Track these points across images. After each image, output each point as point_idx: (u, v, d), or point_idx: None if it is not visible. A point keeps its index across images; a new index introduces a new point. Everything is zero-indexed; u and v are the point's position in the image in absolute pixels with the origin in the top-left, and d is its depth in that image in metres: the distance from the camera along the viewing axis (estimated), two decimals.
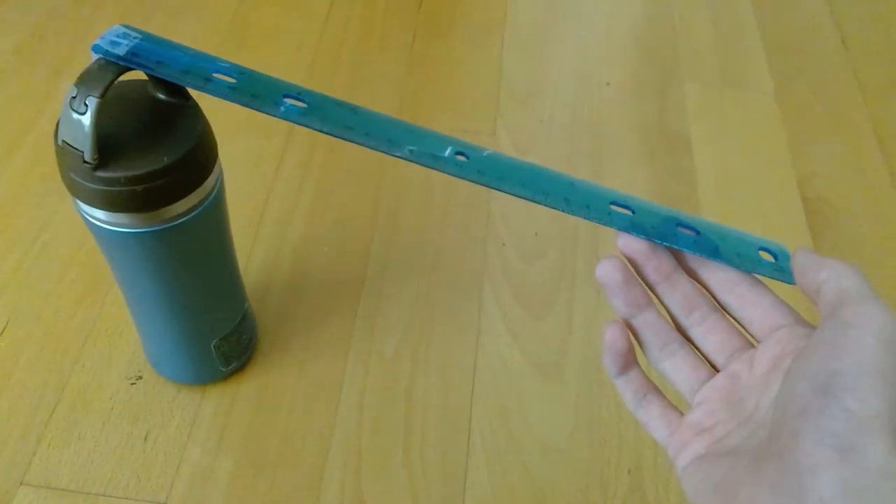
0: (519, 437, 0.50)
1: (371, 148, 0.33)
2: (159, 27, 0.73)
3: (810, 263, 0.27)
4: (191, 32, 0.74)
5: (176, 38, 0.37)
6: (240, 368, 0.51)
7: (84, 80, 0.33)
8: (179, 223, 0.38)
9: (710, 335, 0.31)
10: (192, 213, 0.38)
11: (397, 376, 0.53)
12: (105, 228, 0.37)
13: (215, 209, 0.40)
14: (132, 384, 0.51)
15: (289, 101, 0.33)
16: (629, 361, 0.31)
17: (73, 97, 0.33)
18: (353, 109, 0.34)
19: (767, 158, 0.70)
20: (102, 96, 0.32)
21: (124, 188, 0.34)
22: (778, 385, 0.26)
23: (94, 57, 0.33)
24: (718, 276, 0.31)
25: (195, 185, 0.37)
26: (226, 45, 0.73)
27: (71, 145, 0.34)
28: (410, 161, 0.34)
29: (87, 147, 0.33)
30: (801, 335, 0.28)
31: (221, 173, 0.40)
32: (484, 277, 0.59)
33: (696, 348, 0.32)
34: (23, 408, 0.49)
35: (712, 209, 0.65)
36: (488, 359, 0.54)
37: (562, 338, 0.56)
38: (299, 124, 0.33)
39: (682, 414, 0.30)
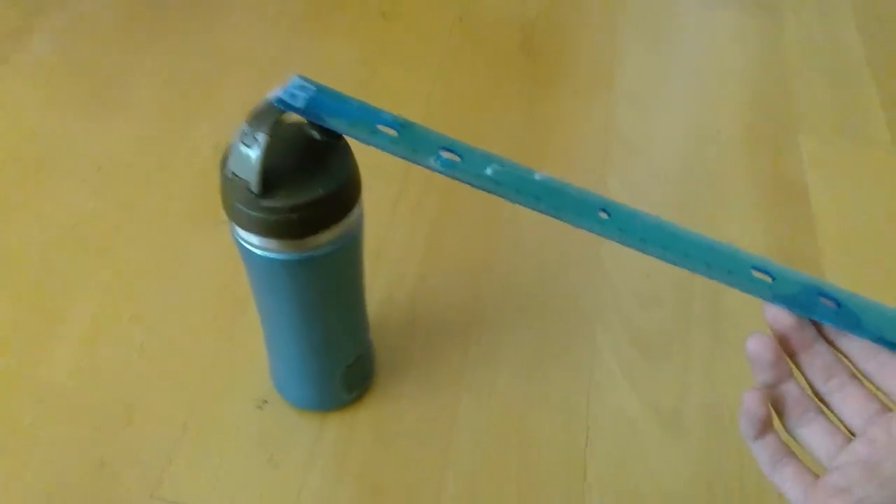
0: (638, 484, 0.49)
1: (511, 201, 0.35)
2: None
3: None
4: None
5: None
6: (359, 397, 0.53)
7: (254, 118, 0.36)
8: (325, 252, 0.40)
9: (848, 402, 0.31)
10: (337, 244, 0.40)
11: (511, 416, 0.53)
12: (258, 254, 0.40)
13: (355, 241, 0.42)
14: (258, 408, 0.53)
15: (444, 153, 0.35)
16: (767, 427, 0.32)
17: (245, 133, 0.36)
18: (501, 162, 0.36)
19: (891, 212, 0.68)
20: (270, 133, 0.35)
21: (283, 216, 0.37)
22: None
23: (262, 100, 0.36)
24: (858, 344, 0.32)
25: (342, 216, 0.39)
26: None
27: (239, 176, 0.37)
28: (552, 216, 0.35)
29: (253, 178, 0.36)
30: None
31: (363, 208, 0.42)
32: (597, 321, 0.59)
33: (833, 414, 0.32)
34: (157, 425, 0.52)
35: (834, 262, 0.63)
36: (604, 403, 0.54)
37: (680, 384, 0.55)
38: (452, 178, 0.35)
39: (817, 476, 0.31)
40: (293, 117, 0.37)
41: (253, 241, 0.39)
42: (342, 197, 0.39)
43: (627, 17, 0.90)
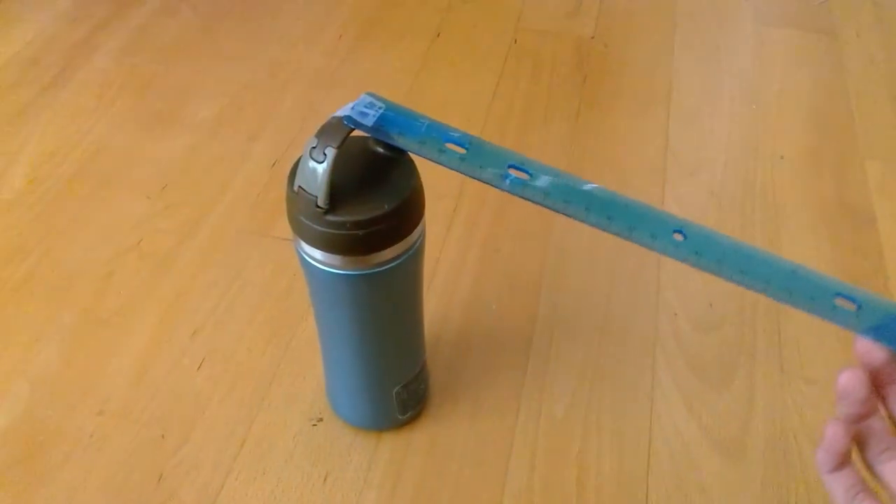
0: None
1: (579, 220, 0.34)
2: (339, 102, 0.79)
3: None
4: None
5: None
6: (414, 418, 0.52)
7: (324, 133, 0.36)
8: (387, 268, 0.40)
9: None
10: (399, 260, 0.40)
11: (568, 440, 0.52)
12: (321, 269, 0.40)
13: (417, 258, 0.42)
14: (313, 425, 0.53)
15: (513, 172, 0.35)
16: (845, 460, 0.31)
17: (314, 147, 0.36)
18: (572, 182, 0.35)
19: None
20: (339, 147, 0.36)
21: (348, 232, 0.37)
22: None
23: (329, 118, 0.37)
24: None
25: (406, 232, 0.39)
26: None
27: (306, 190, 0.37)
28: (626, 238, 0.34)
29: (321, 193, 0.36)
30: None
31: (425, 224, 0.42)
32: (656, 345, 0.57)
33: None
34: (215, 440, 0.52)
35: None
36: (664, 430, 0.52)
37: (742, 413, 0.53)
38: (521, 197, 0.35)
39: None
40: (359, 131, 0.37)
41: (316, 256, 0.39)
42: (407, 213, 0.39)
43: (683, 34, 0.89)
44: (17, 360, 0.57)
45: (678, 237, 0.33)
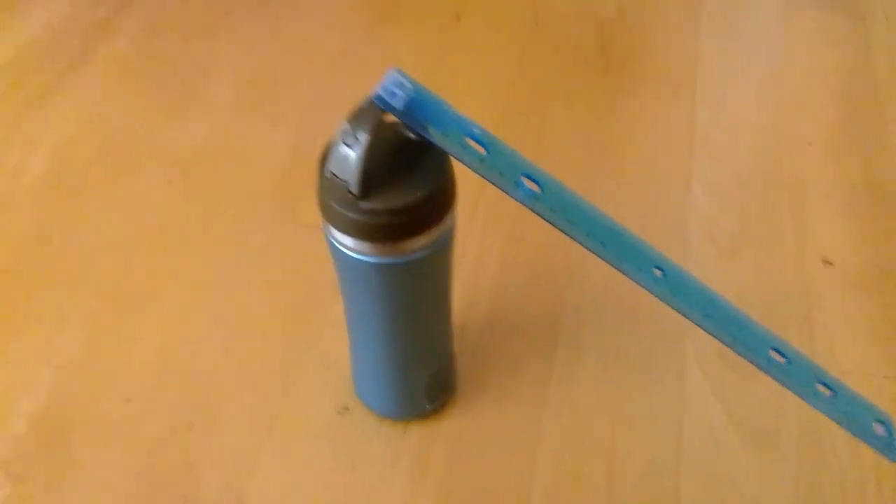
0: None
1: (578, 242, 0.34)
2: (361, 88, 0.78)
3: None
4: None
5: None
6: (441, 407, 0.52)
7: (356, 118, 0.35)
8: (420, 256, 0.39)
9: None
10: (432, 248, 0.39)
11: (597, 431, 0.51)
12: (352, 257, 0.39)
13: (448, 245, 0.41)
14: (339, 414, 0.52)
15: (525, 182, 0.34)
16: None
17: (346, 132, 0.35)
18: (578, 205, 0.35)
19: None
20: (372, 133, 0.35)
21: (382, 220, 0.36)
22: None
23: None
24: None
25: (438, 220, 0.38)
26: None
27: (338, 177, 0.36)
28: (614, 266, 0.35)
29: (354, 179, 0.35)
30: None
31: (456, 210, 0.41)
32: (685, 335, 0.56)
33: None
34: (241, 427, 0.52)
35: None
36: (694, 422, 0.52)
37: (775, 404, 0.52)
38: (533, 211, 0.34)
39: None
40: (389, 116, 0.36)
41: (348, 244, 0.38)
42: (441, 199, 0.38)
43: (708, 16, 0.87)
44: (42, 346, 0.56)
45: (658, 273, 0.34)
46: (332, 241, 0.40)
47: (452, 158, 0.37)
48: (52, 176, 0.69)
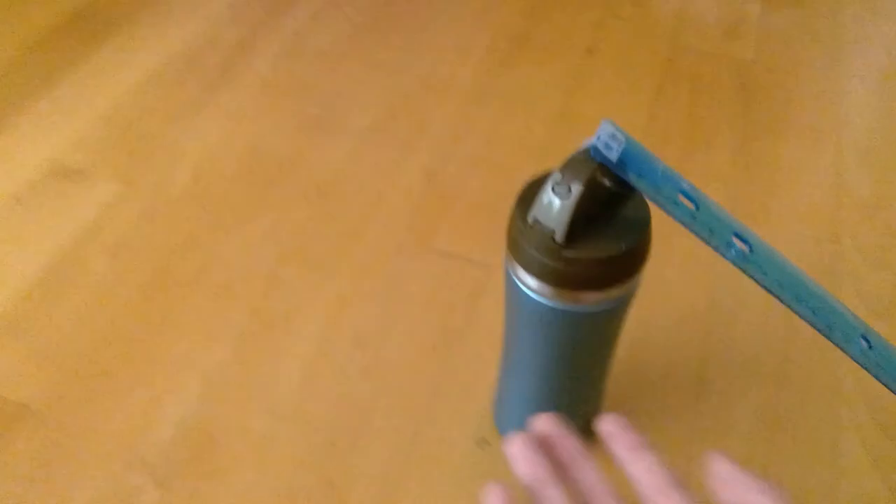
0: None
1: (785, 305, 0.33)
2: (493, 121, 0.79)
3: (735, 479, 0.26)
4: (522, 124, 0.78)
5: (509, 130, 0.35)
6: None
7: (570, 168, 0.35)
8: (604, 308, 0.39)
9: None
10: (619, 301, 0.39)
11: None
12: (535, 300, 0.39)
13: (631, 299, 0.41)
14: (479, 447, 0.52)
15: (735, 241, 0.34)
16: None
17: (557, 182, 0.35)
18: (786, 268, 0.34)
19: None
20: (586, 185, 0.35)
21: (583, 269, 0.36)
22: None
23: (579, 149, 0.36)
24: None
25: (633, 273, 0.38)
26: (554, 137, 0.77)
27: (542, 223, 0.36)
28: (822, 333, 0.34)
29: (560, 228, 0.35)
30: None
31: None
32: (841, 400, 0.54)
33: None
34: (383, 451, 0.52)
35: None
36: (850, 489, 0.49)
37: None
38: (743, 272, 0.34)
39: None
40: None
41: (535, 287, 0.38)
42: (639, 253, 0.37)
43: (849, 61, 0.84)
44: (190, 355, 0.58)
45: (864, 344, 0.33)
46: (517, 282, 0.40)
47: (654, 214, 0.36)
48: (197, 188, 0.71)
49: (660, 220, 0.38)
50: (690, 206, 0.34)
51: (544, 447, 0.31)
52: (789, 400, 0.54)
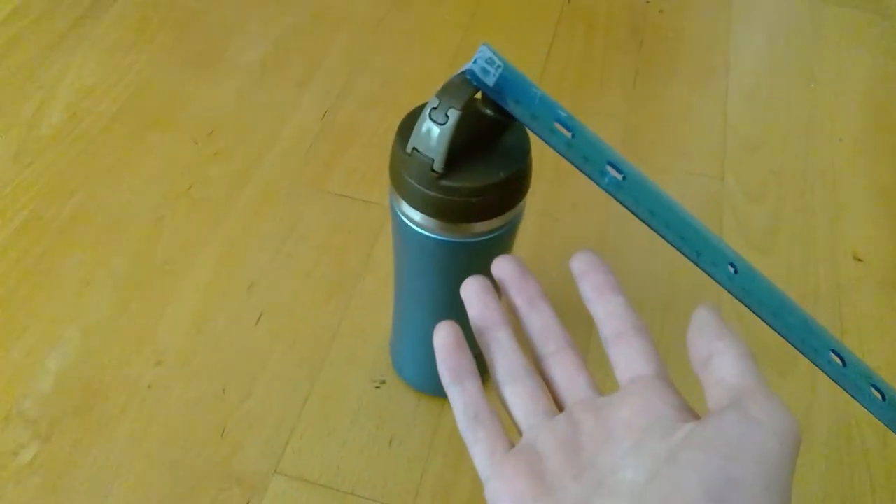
0: None
1: (662, 237, 0.34)
2: (390, 57, 0.77)
3: (711, 327, 0.25)
4: (419, 62, 0.76)
5: (406, 68, 0.34)
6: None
7: (447, 93, 0.34)
8: (489, 238, 0.38)
9: (560, 368, 0.29)
10: (502, 230, 0.39)
11: None
12: (422, 234, 0.38)
13: (516, 228, 0.41)
14: (376, 387, 0.52)
15: (610, 170, 0.34)
16: (463, 367, 0.29)
17: (434, 108, 0.34)
18: (659, 197, 0.34)
19: None
20: (463, 109, 0.34)
21: (461, 199, 0.36)
22: (626, 443, 0.24)
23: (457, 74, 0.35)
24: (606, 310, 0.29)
25: (514, 202, 0.38)
26: (451, 74, 0.75)
27: (420, 152, 0.35)
28: (691, 259, 0.35)
29: (438, 156, 0.35)
30: (660, 391, 0.26)
31: None
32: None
33: (546, 382, 0.29)
34: (277, 398, 0.51)
35: None
36: None
37: (805, 398, 0.53)
38: (615, 198, 0.34)
39: (511, 444, 0.26)
40: None
41: (419, 220, 0.38)
42: (519, 182, 0.37)
43: (739, 6, 0.86)
44: (68, 305, 0.55)
45: (731, 269, 0.34)
46: (401, 216, 0.39)
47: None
48: (71, 128, 0.67)
49: (551, 163, 0.38)
50: (567, 134, 0.34)
51: (501, 290, 0.30)
52: (674, 328, 0.57)
